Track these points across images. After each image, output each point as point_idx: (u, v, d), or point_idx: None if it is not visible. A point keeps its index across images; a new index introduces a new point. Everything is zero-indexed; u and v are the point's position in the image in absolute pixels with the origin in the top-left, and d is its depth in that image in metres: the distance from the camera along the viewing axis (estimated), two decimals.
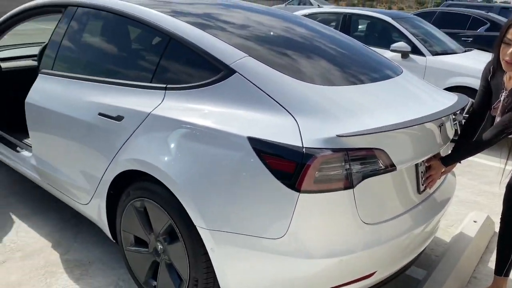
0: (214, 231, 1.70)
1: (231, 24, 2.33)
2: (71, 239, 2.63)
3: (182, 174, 1.77)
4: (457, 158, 2.05)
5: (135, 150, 1.95)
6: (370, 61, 2.43)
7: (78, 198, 2.39)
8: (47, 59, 2.52)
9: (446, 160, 2.02)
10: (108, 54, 2.34)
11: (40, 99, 2.46)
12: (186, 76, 1.97)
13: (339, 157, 1.57)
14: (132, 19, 2.23)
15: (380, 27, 6.06)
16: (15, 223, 2.77)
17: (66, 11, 2.51)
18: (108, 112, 2.07)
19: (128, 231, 2.15)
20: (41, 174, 2.65)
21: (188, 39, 1.99)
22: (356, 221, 1.65)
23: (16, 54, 3.65)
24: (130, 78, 2.13)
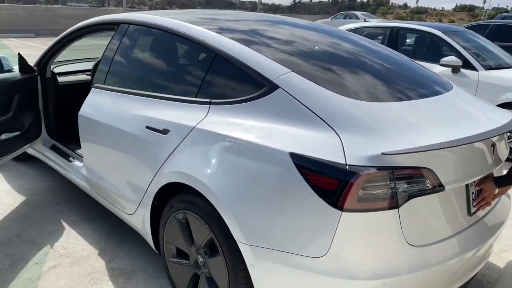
0: (254, 246, 1.69)
1: (275, 39, 2.35)
2: (117, 247, 2.71)
3: (223, 188, 1.78)
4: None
5: (179, 163, 1.99)
6: (418, 76, 2.37)
7: (124, 208, 2.47)
8: (100, 74, 2.65)
9: (500, 182, 1.91)
10: (156, 69, 2.43)
11: (91, 112, 2.58)
12: (230, 91, 2.00)
13: (384, 176, 1.53)
14: (179, 36, 2.30)
15: (429, 41, 5.89)
16: (65, 229, 2.90)
17: (118, 28, 2.63)
18: (154, 125, 2.14)
19: (171, 242, 2.19)
20: (90, 184, 2.77)
21: (232, 55, 2.02)
22: (401, 243, 1.59)
23: (72, 69, 3.86)
24: (176, 93, 2.19)
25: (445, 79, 2.53)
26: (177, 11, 3.04)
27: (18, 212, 3.10)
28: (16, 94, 3.02)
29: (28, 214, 3.08)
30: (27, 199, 3.30)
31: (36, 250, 2.65)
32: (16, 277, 2.38)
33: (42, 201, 3.29)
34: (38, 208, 3.18)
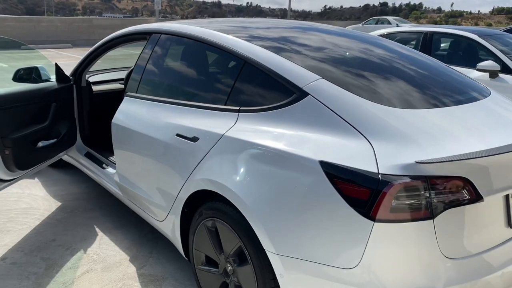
0: (283, 256, 1.67)
1: (305, 46, 2.33)
2: (147, 254, 2.74)
3: (252, 196, 1.77)
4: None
5: (208, 170, 2.00)
6: (454, 82, 2.29)
7: (155, 214, 2.49)
8: (132, 83, 2.71)
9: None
10: (187, 77, 2.46)
11: (124, 120, 2.63)
12: (259, 99, 1.99)
13: (418, 185, 1.47)
14: (209, 45, 2.32)
15: (465, 45, 5.71)
16: (98, 235, 2.96)
17: (150, 38, 2.68)
18: (185, 133, 2.16)
19: (200, 250, 2.19)
20: (122, 190, 2.82)
21: (261, 62, 2.02)
22: (436, 255, 1.53)
23: (106, 78, 3.97)
24: (206, 101, 2.21)
25: (482, 84, 2.43)
26: (208, 20, 3.07)
27: (53, 218, 3.20)
28: (53, 103, 3.12)
29: (63, 219, 3.17)
30: (62, 205, 3.40)
31: (70, 255, 2.72)
32: (52, 281, 2.44)
33: (76, 207, 3.37)
34: (72, 213, 3.26)
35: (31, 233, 2.97)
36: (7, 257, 2.67)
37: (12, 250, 2.75)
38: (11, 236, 2.90)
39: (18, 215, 3.20)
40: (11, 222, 3.09)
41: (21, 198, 3.48)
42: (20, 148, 2.78)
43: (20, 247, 2.79)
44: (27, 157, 2.89)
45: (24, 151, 2.83)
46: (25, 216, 3.20)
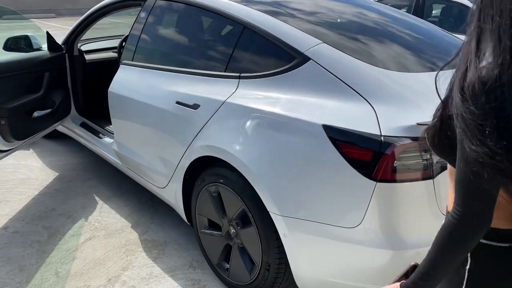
0: (287, 217, 1.72)
1: (301, 11, 2.32)
2: (148, 220, 2.79)
3: (256, 161, 1.81)
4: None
5: (210, 137, 2.02)
6: (449, 46, 2.31)
7: (156, 182, 2.52)
8: (128, 50, 2.67)
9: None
10: (185, 44, 2.44)
11: (121, 89, 2.62)
12: (259, 65, 2.00)
13: (419, 146, 1.52)
14: (207, 10, 2.29)
15: (457, 11, 5.70)
16: (98, 204, 2.99)
17: (145, 4, 2.63)
18: (185, 100, 2.16)
19: (203, 214, 2.24)
20: (121, 159, 2.83)
21: (261, 27, 2.01)
22: (435, 213, 1.59)
23: (98, 47, 3.90)
24: (206, 68, 2.20)
25: None
26: None
27: (52, 187, 3.21)
28: (46, 72, 3.08)
29: (62, 189, 3.19)
30: (60, 175, 3.41)
31: (72, 223, 2.75)
32: (55, 248, 2.49)
33: (74, 176, 3.39)
34: (71, 183, 3.28)
35: (31, 202, 2.99)
36: (9, 226, 2.70)
37: (13, 219, 2.78)
38: (11, 206, 2.92)
39: (16, 185, 3.21)
40: (10, 193, 3.10)
41: (18, 169, 3.48)
42: (16, 118, 2.76)
43: (20, 216, 2.81)
44: (23, 127, 2.87)
45: (20, 121, 2.81)
46: (23, 186, 3.21)
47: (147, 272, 2.31)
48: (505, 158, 0.73)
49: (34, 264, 2.35)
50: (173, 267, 2.35)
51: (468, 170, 0.80)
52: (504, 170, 0.74)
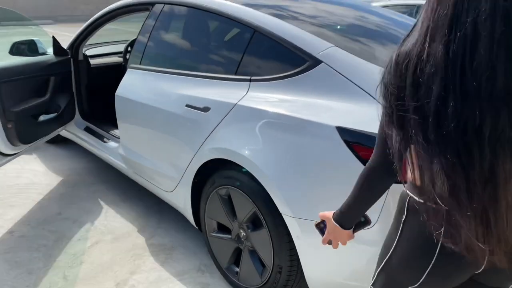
0: (300, 219, 1.72)
1: (309, 15, 2.34)
2: (155, 225, 2.78)
3: (268, 163, 1.81)
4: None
5: (221, 140, 2.02)
6: None
7: (164, 185, 2.52)
8: (135, 55, 2.68)
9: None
10: (194, 48, 2.45)
11: (128, 92, 2.62)
12: (270, 68, 2.01)
13: None
14: (216, 14, 2.31)
15: None
16: (103, 208, 2.98)
17: (153, 8, 2.64)
18: (195, 103, 2.17)
19: (212, 217, 2.24)
20: (127, 163, 2.83)
21: (272, 31, 2.02)
22: None
23: (103, 51, 3.91)
24: (216, 71, 2.21)
25: None
26: None
27: (56, 192, 3.20)
28: (51, 76, 3.08)
29: (66, 193, 3.18)
30: (64, 180, 3.40)
31: (78, 227, 2.74)
32: (62, 253, 2.47)
33: (79, 181, 3.38)
34: (75, 188, 3.27)
35: (36, 207, 2.97)
36: (15, 231, 2.68)
37: (18, 223, 2.76)
38: (16, 211, 2.91)
39: (21, 190, 3.20)
40: (14, 197, 3.09)
41: (21, 173, 3.47)
42: (22, 121, 2.75)
43: (26, 220, 2.80)
44: (29, 131, 2.87)
45: (26, 124, 2.81)
46: (28, 191, 3.19)
47: (156, 276, 2.30)
48: (395, 112, 0.92)
49: (42, 268, 2.33)
50: (181, 271, 2.34)
51: (380, 126, 1.03)
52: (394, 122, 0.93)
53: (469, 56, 0.82)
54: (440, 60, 0.84)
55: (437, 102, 0.85)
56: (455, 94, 0.83)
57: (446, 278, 1.05)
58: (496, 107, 0.82)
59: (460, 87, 0.83)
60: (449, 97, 0.84)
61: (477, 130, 0.83)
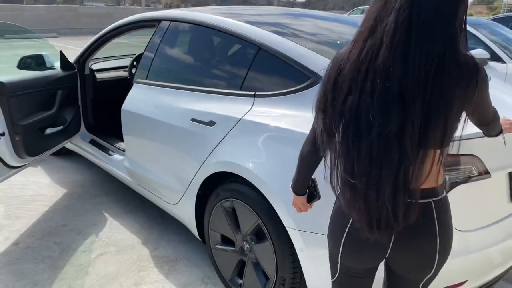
0: (304, 232, 1.76)
1: (312, 33, 2.41)
2: (158, 237, 2.82)
3: (272, 176, 1.86)
4: None
5: (226, 153, 2.07)
6: None
7: (168, 198, 2.56)
8: (142, 69, 2.74)
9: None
10: (200, 64, 2.52)
11: (135, 106, 2.68)
12: (274, 83, 2.07)
13: None
14: (221, 31, 2.38)
15: None
16: (108, 220, 3.01)
17: (159, 25, 2.72)
18: (200, 117, 2.22)
19: (216, 230, 2.27)
20: (132, 175, 2.87)
21: (276, 48, 2.09)
22: None
23: (109, 66, 3.98)
24: (221, 86, 2.27)
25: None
26: (211, 7, 3.12)
27: (61, 204, 3.24)
28: (58, 90, 3.14)
29: (71, 205, 3.21)
30: (68, 192, 3.44)
31: (83, 239, 2.77)
32: (67, 264, 2.50)
33: (83, 193, 3.42)
34: (80, 200, 3.30)
35: (41, 218, 3.01)
36: (20, 242, 2.71)
37: (24, 235, 2.79)
38: (22, 222, 2.94)
39: (26, 202, 3.23)
40: (20, 209, 3.13)
41: (27, 185, 3.51)
42: (29, 134, 2.81)
43: (31, 232, 2.83)
44: (36, 144, 2.92)
45: (33, 137, 2.86)
46: (33, 202, 3.23)
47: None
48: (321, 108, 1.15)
49: (47, 279, 2.36)
50: (185, 283, 2.37)
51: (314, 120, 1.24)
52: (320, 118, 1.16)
53: (373, 60, 1.01)
54: (353, 62, 1.04)
55: (345, 97, 1.06)
56: (356, 90, 1.04)
57: (358, 252, 1.23)
58: (387, 104, 1.00)
59: (361, 84, 1.03)
60: (353, 92, 1.04)
61: (370, 122, 1.02)
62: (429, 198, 1.14)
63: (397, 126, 1.00)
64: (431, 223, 1.14)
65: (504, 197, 1.85)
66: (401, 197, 1.05)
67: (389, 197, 1.05)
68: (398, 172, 1.03)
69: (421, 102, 1.00)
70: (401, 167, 1.03)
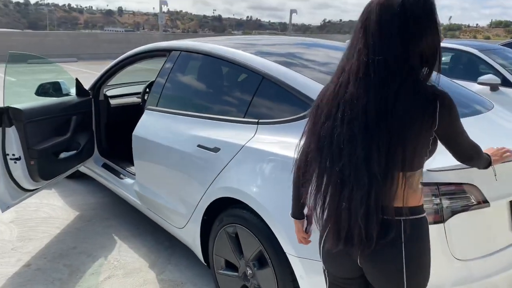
0: (304, 259, 1.78)
1: (315, 62, 2.48)
2: (166, 260, 2.86)
3: (273, 203, 1.90)
4: None
5: (229, 179, 2.12)
6: (457, 95, 2.42)
7: (175, 222, 2.61)
8: (153, 97, 2.85)
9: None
10: (206, 92, 2.60)
11: (145, 132, 2.77)
12: (277, 111, 2.13)
13: (429, 192, 1.60)
14: (227, 61, 2.47)
15: (465, 59, 5.88)
16: (116, 243, 3.07)
17: (170, 54, 2.83)
18: (206, 144, 2.29)
19: (220, 255, 2.30)
20: (141, 199, 2.94)
21: (278, 77, 2.16)
22: (446, 256, 1.65)
23: (122, 92, 4.12)
24: (226, 113, 2.35)
25: (484, 97, 2.57)
26: (220, 37, 3.24)
27: (72, 226, 3.31)
28: (73, 116, 3.26)
29: (82, 228, 3.29)
30: (80, 214, 3.52)
31: (92, 261, 2.83)
32: (76, 286, 2.55)
33: (94, 216, 3.49)
34: (91, 222, 3.38)
35: (53, 241, 3.08)
36: (32, 264, 2.78)
37: (35, 257, 2.86)
38: (34, 244, 3.02)
39: (39, 224, 3.32)
40: (33, 231, 3.21)
41: (40, 207, 3.61)
42: (44, 159, 2.91)
43: (43, 254, 2.90)
44: (50, 168, 3.02)
45: (47, 162, 2.96)
46: (46, 225, 3.32)
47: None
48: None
49: None
50: None
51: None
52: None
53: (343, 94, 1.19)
54: (329, 94, 1.23)
55: (322, 124, 1.22)
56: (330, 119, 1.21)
57: (334, 260, 1.34)
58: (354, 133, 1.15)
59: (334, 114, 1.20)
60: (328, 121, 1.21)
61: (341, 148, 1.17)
62: (400, 216, 1.20)
63: (363, 152, 1.13)
64: (397, 238, 1.20)
65: (506, 226, 1.85)
66: (374, 216, 1.15)
67: (362, 217, 1.14)
68: (369, 193, 1.14)
69: (384, 130, 1.12)
70: (371, 188, 1.13)
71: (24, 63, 13.83)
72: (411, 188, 1.20)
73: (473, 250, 1.73)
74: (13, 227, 3.25)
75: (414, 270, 1.24)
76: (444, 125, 1.18)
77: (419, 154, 1.17)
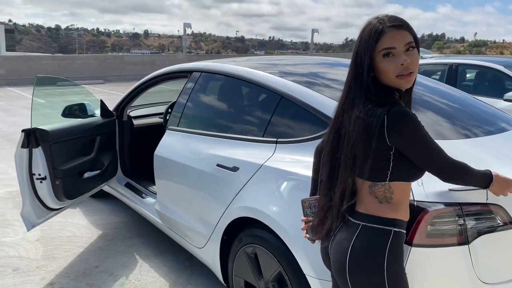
0: (323, 280, 1.75)
1: (333, 80, 2.47)
2: (186, 280, 2.85)
3: (292, 223, 1.87)
4: None
5: (248, 199, 2.12)
6: (482, 113, 2.37)
7: (195, 241, 2.61)
8: (174, 117, 2.89)
9: None
10: (226, 112, 2.63)
11: (166, 152, 2.81)
12: (295, 131, 2.13)
13: (452, 212, 1.55)
14: (246, 81, 2.50)
15: (491, 76, 5.77)
16: (138, 262, 3.09)
17: (191, 76, 2.88)
18: (225, 163, 2.30)
19: (239, 275, 2.28)
20: (162, 218, 2.96)
21: (297, 97, 2.16)
22: (472, 280, 1.58)
23: (145, 112, 4.20)
24: (245, 133, 2.36)
25: (510, 115, 2.51)
26: (241, 58, 3.29)
27: (95, 245, 3.36)
28: (97, 136, 3.35)
29: (105, 247, 3.33)
30: (103, 233, 3.57)
31: (113, 280, 2.85)
32: None
33: (116, 235, 3.53)
34: (113, 241, 3.42)
35: (76, 259, 3.12)
36: (55, 282, 2.82)
37: (59, 275, 2.91)
38: (58, 263, 3.07)
39: (63, 242, 3.38)
40: (57, 249, 3.27)
41: (65, 226, 3.67)
42: (69, 178, 2.98)
43: (66, 273, 2.94)
44: (75, 187, 3.09)
45: (72, 181, 3.04)
46: (70, 243, 3.37)
47: None
48: None
49: None
50: None
51: None
52: None
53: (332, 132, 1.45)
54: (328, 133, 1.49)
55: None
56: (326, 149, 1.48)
57: (326, 259, 1.51)
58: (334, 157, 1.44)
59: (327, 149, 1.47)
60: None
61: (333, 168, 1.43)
62: (360, 221, 1.36)
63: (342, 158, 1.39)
64: (350, 237, 1.36)
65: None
66: (335, 209, 1.39)
67: (330, 209, 1.41)
68: (339, 191, 1.38)
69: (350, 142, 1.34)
70: (339, 187, 1.38)
71: (52, 85, 14.34)
72: (377, 198, 1.34)
73: (501, 274, 1.65)
74: (38, 246, 3.32)
75: (357, 275, 1.35)
76: (400, 141, 1.29)
77: (376, 165, 1.31)
